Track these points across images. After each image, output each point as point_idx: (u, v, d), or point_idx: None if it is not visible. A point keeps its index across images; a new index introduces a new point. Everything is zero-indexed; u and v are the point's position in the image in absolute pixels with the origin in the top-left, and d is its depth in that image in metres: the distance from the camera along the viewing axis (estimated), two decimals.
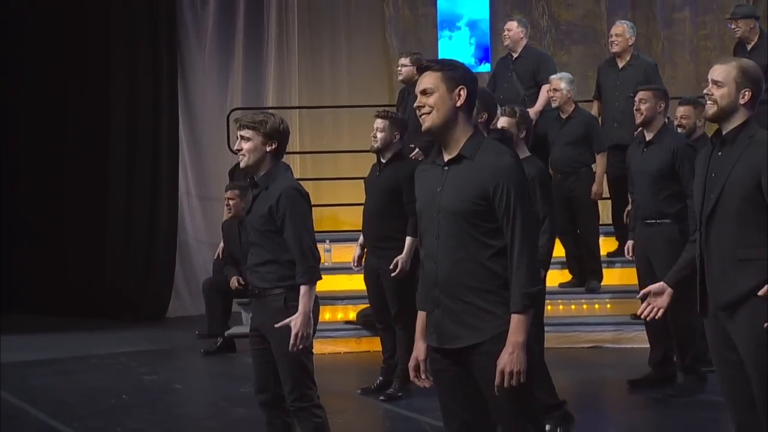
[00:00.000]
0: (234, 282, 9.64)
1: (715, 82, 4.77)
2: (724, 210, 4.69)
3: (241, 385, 8.62)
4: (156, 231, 11.67)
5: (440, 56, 12.57)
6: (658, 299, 5.05)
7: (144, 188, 11.69)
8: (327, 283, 10.13)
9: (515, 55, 10.29)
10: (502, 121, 7.28)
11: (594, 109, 10.18)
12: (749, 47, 10.13)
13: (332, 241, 10.53)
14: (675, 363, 8.02)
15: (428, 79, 4.24)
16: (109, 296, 11.60)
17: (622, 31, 9.94)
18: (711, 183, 4.80)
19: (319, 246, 9.94)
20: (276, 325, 5.15)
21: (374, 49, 12.69)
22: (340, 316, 9.81)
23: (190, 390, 8.74)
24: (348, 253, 9.63)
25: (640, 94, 7.81)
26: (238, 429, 7.35)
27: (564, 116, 9.43)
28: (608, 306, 9.60)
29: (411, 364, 4.36)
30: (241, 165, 5.41)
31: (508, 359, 4.03)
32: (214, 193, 11.91)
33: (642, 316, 5.16)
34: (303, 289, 5.17)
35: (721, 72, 4.77)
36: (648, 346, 8.17)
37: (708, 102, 4.79)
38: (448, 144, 4.23)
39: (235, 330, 9.82)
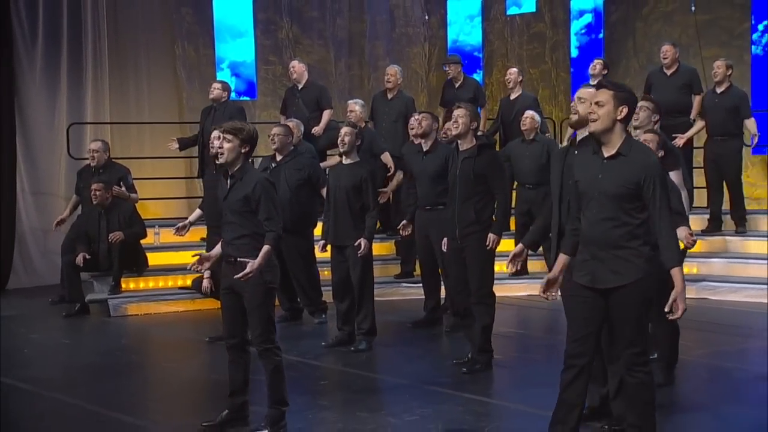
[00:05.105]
0: (80, 259, 9.25)
1: (579, 98, 5.08)
2: None
3: (120, 338, 8.46)
4: None
5: None
6: (517, 258, 5.53)
7: None
8: (159, 258, 10.10)
9: (300, 86, 10.34)
10: (345, 131, 7.55)
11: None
12: (457, 85, 10.75)
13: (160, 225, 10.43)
14: (443, 308, 8.39)
15: (603, 95, 4.41)
16: None
17: (394, 73, 10.26)
18: (569, 173, 4.94)
19: (149, 230, 9.92)
20: (238, 259, 5.21)
21: (168, 79, 12.53)
22: (180, 283, 9.63)
23: (79, 344, 8.32)
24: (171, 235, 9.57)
25: (417, 116, 8.15)
26: (137, 371, 7.24)
27: None
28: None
29: (543, 282, 4.65)
30: (220, 160, 5.33)
31: (682, 299, 4.30)
32: (44, 189, 11.45)
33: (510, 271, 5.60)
34: (266, 248, 5.19)
35: (586, 93, 5.01)
36: (423, 297, 8.55)
37: (572, 114, 5.13)
38: (606, 143, 4.41)
39: (90, 296, 9.51)
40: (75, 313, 9.29)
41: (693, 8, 12.10)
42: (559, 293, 4.95)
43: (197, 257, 5.45)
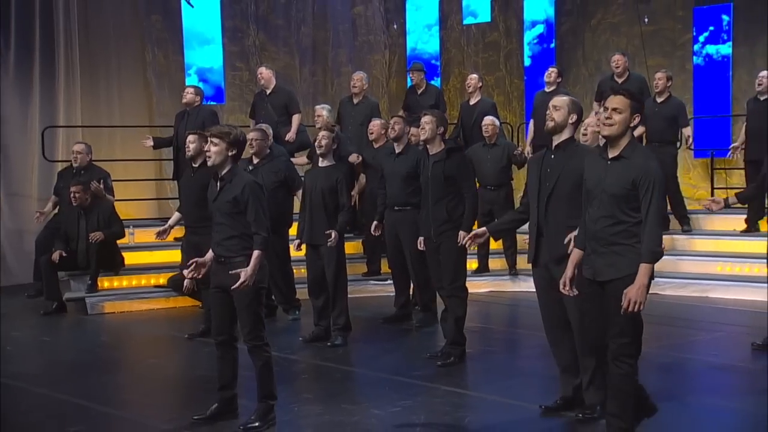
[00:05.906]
0: (56, 255, 9.12)
1: (554, 107, 5.13)
2: (559, 194, 5.04)
3: (100, 335, 8.36)
4: None
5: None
6: (478, 238, 5.58)
7: None
8: (134, 258, 10.00)
9: (269, 91, 10.24)
10: (322, 135, 7.55)
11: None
12: (420, 92, 10.76)
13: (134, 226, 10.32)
14: (412, 304, 8.45)
15: (620, 101, 4.44)
16: None
17: (360, 78, 10.26)
18: (546, 176, 5.12)
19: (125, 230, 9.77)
20: (230, 272, 5.13)
21: (138, 84, 12.39)
22: (152, 281, 9.57)
23: (60, 341, 8.21)
24: (148, 235, 9.51)
25: (395, 119, 8.18)
26: (120, 367, 7.20)
27: None
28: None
29: (563, 280, 4.70)
30: (209, 163, 5.29)
31: (635, 293, 4.31)
32: (18, 191, 11.27)
33: (464, 244, 5.69)
34: (256, 253, 5.17)
35: (560, 101, 5.16)
36: (389, 294, 8.65)
37: (548, 120, 5.14)
38: (614, 146, 4.46)
39: (68, 295, 9.36)
40: (52, 311, 9.15)
41: (646, 20, 12.32)
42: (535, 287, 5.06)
43: (194, 263, 5.38)
